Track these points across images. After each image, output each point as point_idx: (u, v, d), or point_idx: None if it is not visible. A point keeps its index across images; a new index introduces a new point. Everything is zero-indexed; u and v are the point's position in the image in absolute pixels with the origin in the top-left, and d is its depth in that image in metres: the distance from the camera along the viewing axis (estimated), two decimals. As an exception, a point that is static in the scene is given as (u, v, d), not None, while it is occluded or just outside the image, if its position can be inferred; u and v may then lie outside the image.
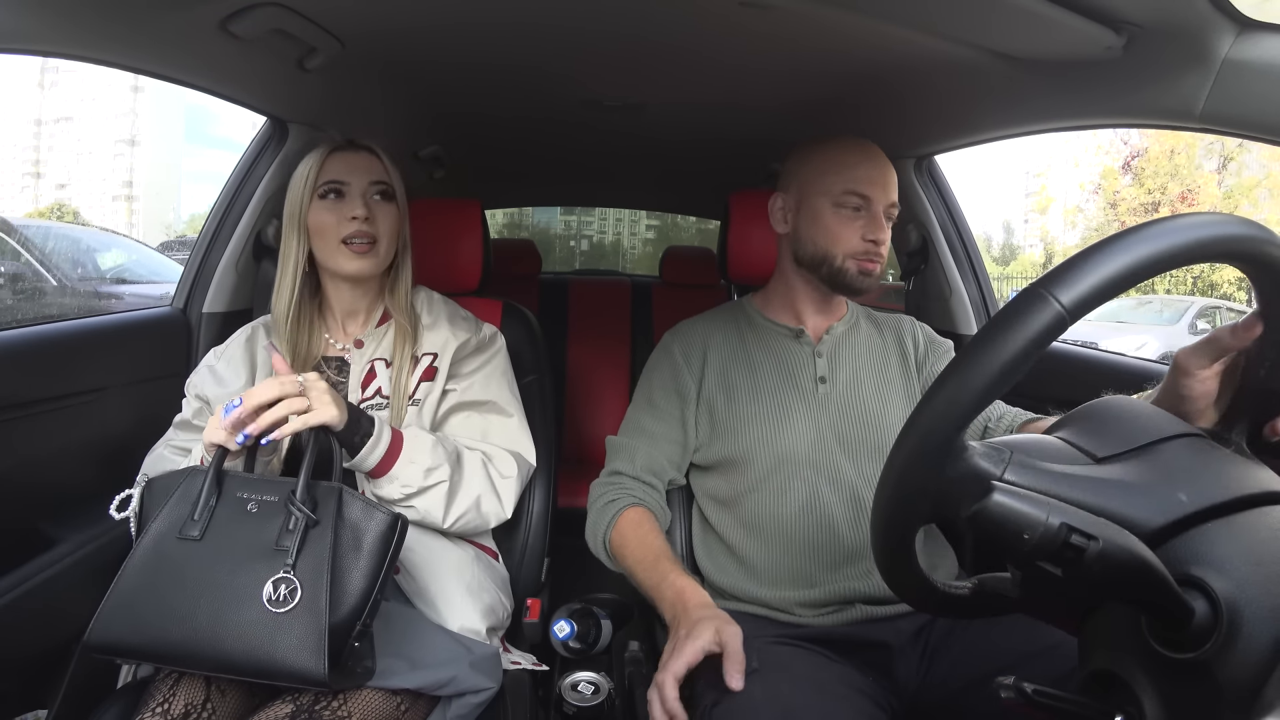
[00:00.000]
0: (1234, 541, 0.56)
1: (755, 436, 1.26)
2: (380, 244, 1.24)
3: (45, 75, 30.49)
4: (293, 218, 1.23)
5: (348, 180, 1.23)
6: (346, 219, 1.21)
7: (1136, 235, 0.56)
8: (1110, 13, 0.99)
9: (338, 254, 1.22)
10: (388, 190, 1.26)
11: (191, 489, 0.97)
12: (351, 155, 1.25)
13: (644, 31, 1.34)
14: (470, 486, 1.20)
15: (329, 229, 1.22)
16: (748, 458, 1.25)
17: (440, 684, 1.04)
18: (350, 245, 1.22)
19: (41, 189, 30.53)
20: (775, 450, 1.24)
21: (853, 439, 1.26)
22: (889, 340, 1.36)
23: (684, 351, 1.34)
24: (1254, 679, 0.50)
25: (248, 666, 0.88)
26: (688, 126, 2.04)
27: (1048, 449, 0.64)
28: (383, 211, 1.25)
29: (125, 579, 0.92)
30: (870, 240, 1.24)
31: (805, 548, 1.22)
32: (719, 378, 1.31)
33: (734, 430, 1.27)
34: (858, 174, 1.25)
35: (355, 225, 1.21)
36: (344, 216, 1.22)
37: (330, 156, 1.24)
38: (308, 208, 1.22)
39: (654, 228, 15.57)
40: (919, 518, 0.64)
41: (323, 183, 1.22)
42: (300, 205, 1.22)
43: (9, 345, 1.21)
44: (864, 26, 1.21)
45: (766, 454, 1.25)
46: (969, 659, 1.10)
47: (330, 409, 1.01)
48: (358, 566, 0.94)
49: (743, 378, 1.30)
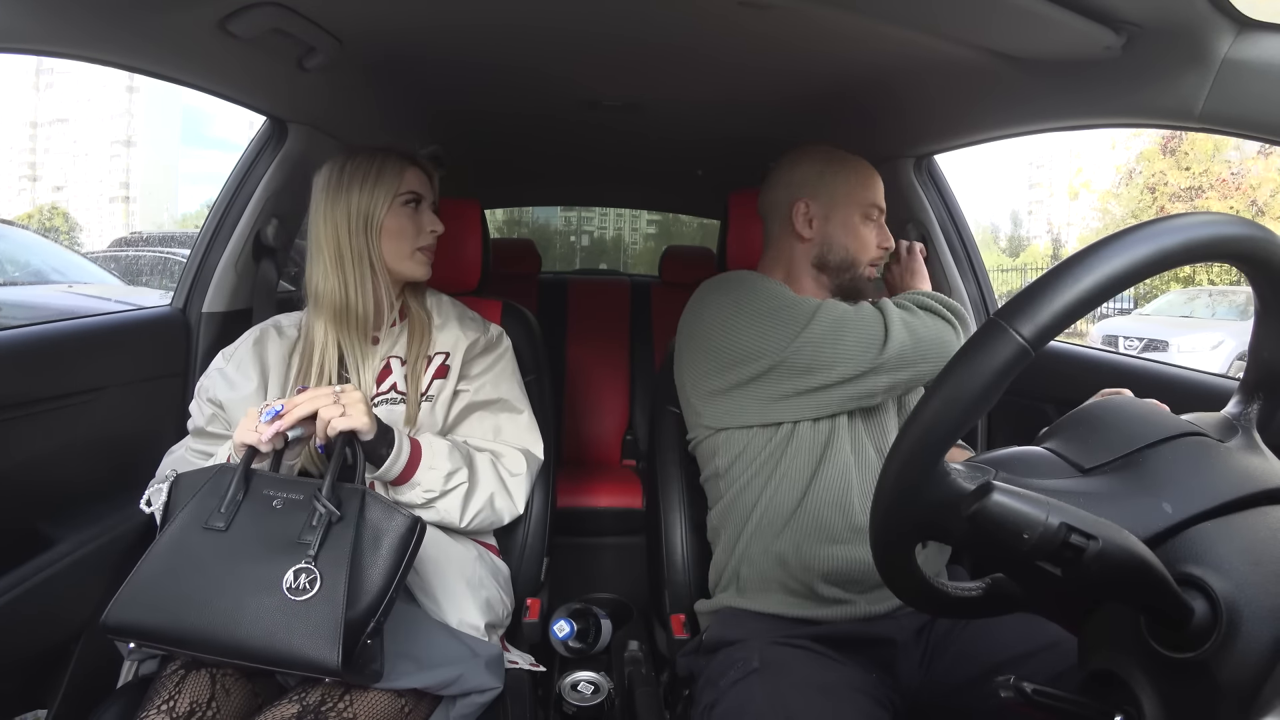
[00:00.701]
0: (1233, 541, 0.56)
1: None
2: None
3: (41, 77, 30.45)
4: (365, 220, 1.26)
5: (424, 194, 1.32)
6: (426, 230, 1.31)
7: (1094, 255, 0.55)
8: (1109, 12, 0.99)
9: (410, 259, 1.30)
10: (437, 210, 1.35)
11: (219, 484, 0.99)
12: (422, 173, 1.33)
13: (643, 32, 1.34)
14: (484, 486, 1.23)
15: (407, 235, 1.29)
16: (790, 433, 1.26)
17: (446, 683, 1.04)
18: (423, 252, 1.32)
19: (38, 191, 30.48)
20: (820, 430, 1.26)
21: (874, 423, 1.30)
22: None
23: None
24: (1253, 679, 0.50)
25: (262, 653, 0.89)
26: (687, 126, 2.04)
27: (1034, 463, 0.65)
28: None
29: (147, 564, 0.94)
30: (883, 248, 1.38)
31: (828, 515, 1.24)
32: None
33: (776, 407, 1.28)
34: (876, 188, 1.38)
35: (432, 238, 1.32)
36: (423, 227, 1.31)
37: (410, 169, 1.30)
38: (386, 211, 1.27)
39: (655, 223, 15.50)
40: (912, 539, 0.65)
41: (406, 190, 1.29)
42: (377, 209, 1.26)
43: (8, 345, 1.21)
44: (863, 26, 1.21)
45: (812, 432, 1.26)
46: (970, 656, 1.10)
47: (363, 417, 1.04)
48: (376, 565, 0.96)
49: None
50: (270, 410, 1.01)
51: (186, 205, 32.90)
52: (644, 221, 16.62)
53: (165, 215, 30.57)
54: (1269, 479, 0.60)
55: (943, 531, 0.60)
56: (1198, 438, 0.64)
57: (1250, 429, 0.67)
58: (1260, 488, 0.59)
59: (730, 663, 1.11)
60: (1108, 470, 0.63)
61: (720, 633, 1.21)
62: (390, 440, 1.12)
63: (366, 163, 1.27)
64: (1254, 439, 0.66)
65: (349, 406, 1.03)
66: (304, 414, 1.01)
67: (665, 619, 1.39)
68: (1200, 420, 0.67)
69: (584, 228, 16.05)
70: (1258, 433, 0.67)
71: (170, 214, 30.88)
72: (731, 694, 1.06)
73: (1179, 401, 0.72)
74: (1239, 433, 0.66)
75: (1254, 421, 0.67)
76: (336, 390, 1.04)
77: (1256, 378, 0.68)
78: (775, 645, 1.13)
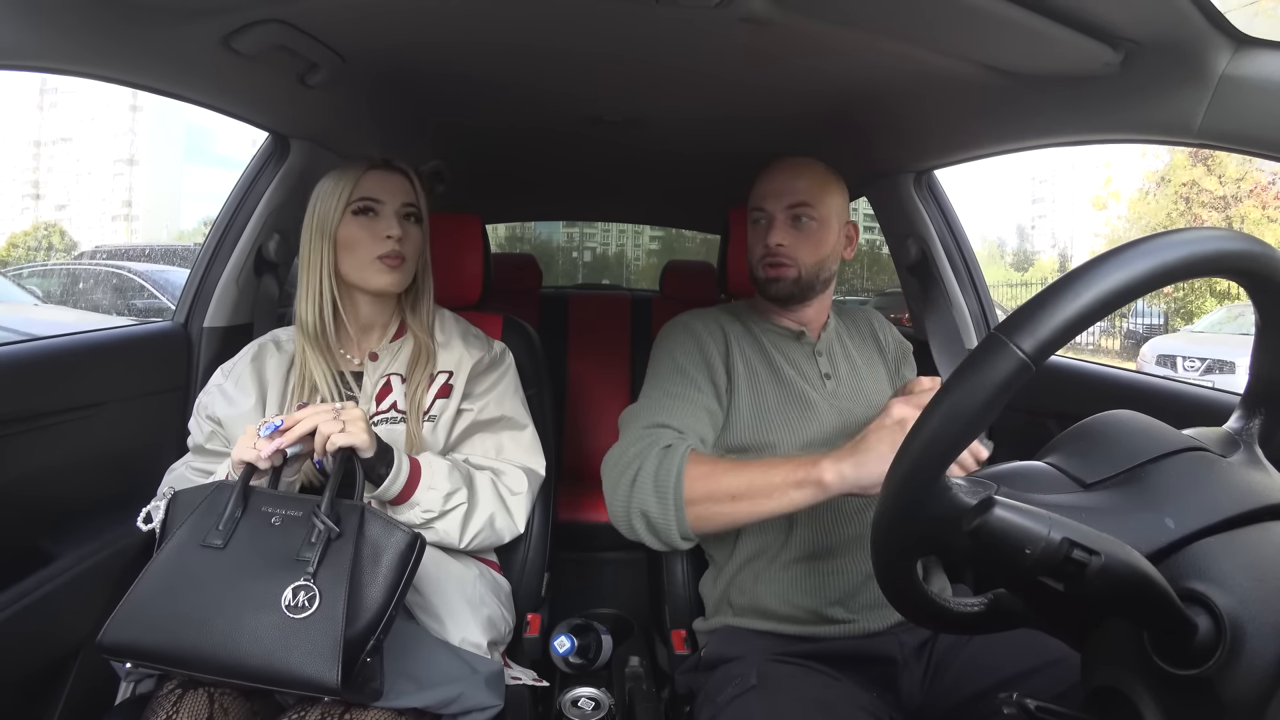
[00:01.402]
0: (1237, 557, 0.55)
1: (784, 423, 1.27)
2: (407, 263, 1.27)
3: (44, 97, 30.62)
4: (321, 230, 1.24)
5: (382, 199, 1.26)
6: (381, 237, 1.24)
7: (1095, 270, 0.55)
8: (1108, 29, 0.99)
9: (369, 269, 1.25)
10: (416, 213, 1.30)
11: (217, 502, 0.99)
12: (386, 175, 1.27)
13: (643, 48, 1.34)
14: (484, 506, 1.22)
15: (362, 245, 1.24)
16: (775, 446, 1.26)
17: (447, 702, 1.03)
18: (383, 259, 1.24)
19: (41, 209, 30.59)
20: (802, 438, 1.25)
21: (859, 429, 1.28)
22: (864, 332, 1.45)
23: (706, 328, 1.36)
24: (1258, 696, 0.50)
25: (260, 672, 0.88)
26: (687, 141, 2.05)
27: (1036, 477, 0.64)
28: (411, 232, 1.28)
29: (144, 583, 0.93)
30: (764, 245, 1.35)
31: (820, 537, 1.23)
32: (743, 362, 1.32)
33: (761, 418, 1.28)
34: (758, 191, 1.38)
35: (390, 245, 1.24)
36: (378, 235, 1.25)
37: (366, 174, 1.26)
38: (338, 222, 1.24)
39: (658, 239, 15.50)
40: (914, 555, 0.64)
41: (358, 198, 1.25)
42: (331, 218, 1.24)
43: (9, 359, 1.21)
44: (862, 42, 1.22)
45: (793, 442, 1.25)
46: (972, 673, 1.10)
47: (363, 434, 1.03)
48: (376, 582, 0.96)
49: (763, 367, 1.32)
50: (269, 426, 1.01)
51: (186, 222, 32.98)
52: (646, 237, 16.66)
53: (165, 233, 30.64)
54: (1271, 494, 0.60)
55: (944, 546, 0.60)
56: (1200, 453, 0.63)
57: (1252, 444, 0.66)
58: (1263, 503, 0.59)
59: (728, 679, 1.11)
60: (1110, 485, 0.62)
61: (719, 650, 1.20)
62: (389, 459, 1.11)
63: (333, 174, 1.26)
64: (1256, 454, 0.66)
65: (349, 424, 1.02)
66: (304, 430, 1.00)
67: (666, 635, 1.38)
68: (1202, 435, 0.67)
69: (586, 244, 16.09)
70: (1260, 448, 0.67)
71: (169, 231, 30.95)
72: (729, 710, 1.06)
73: (1181, 416, 0.72)
74: (1241, 448, 0.65)
75: (1256, 436, 0.67)
76: (337, 407, 1.04)
77: (1258, 392, 0.68)
78: (773, 662, 1.12)
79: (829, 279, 1.36)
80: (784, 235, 1.31)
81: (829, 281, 1.37)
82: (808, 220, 1.31)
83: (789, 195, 1.32)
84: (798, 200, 1.31)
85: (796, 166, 1.34)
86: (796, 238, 1.31)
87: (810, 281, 1.33)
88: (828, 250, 1.33)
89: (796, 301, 1.35)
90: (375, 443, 1.07)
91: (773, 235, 1.32)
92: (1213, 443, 0.66)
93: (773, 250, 1.32)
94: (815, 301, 1.37)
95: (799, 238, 1.31)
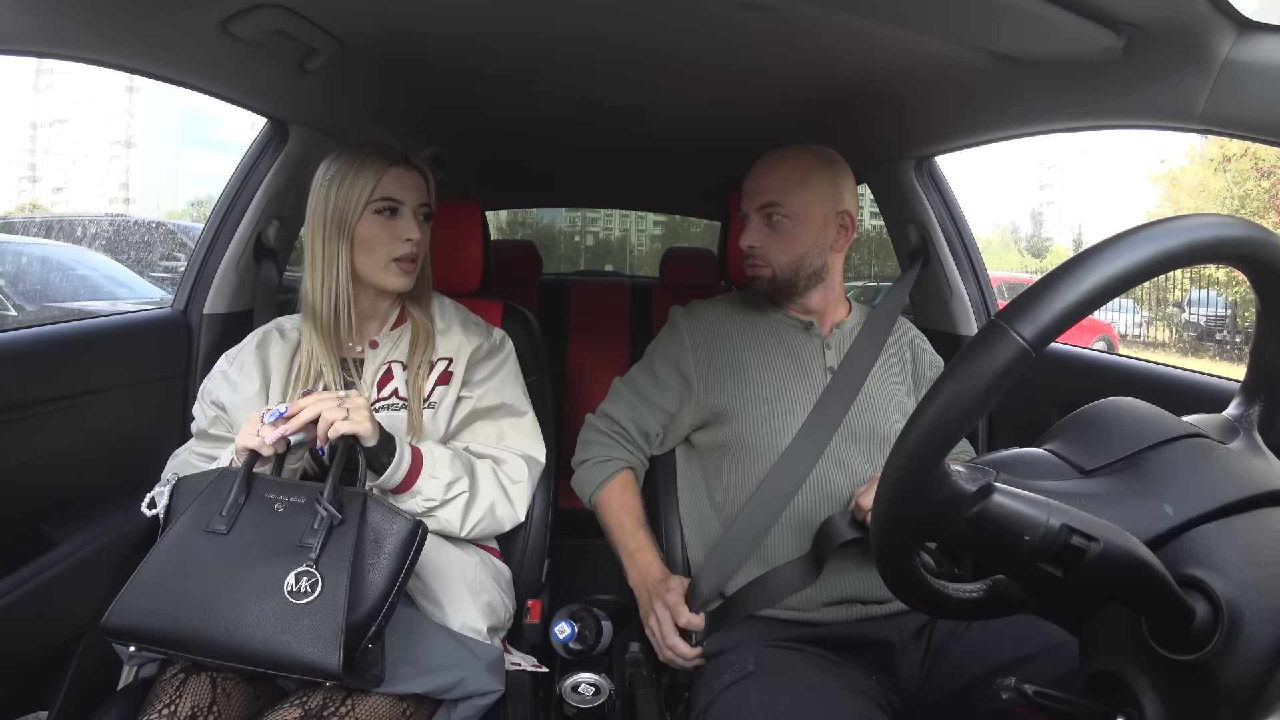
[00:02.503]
0: (1234, 543, 0.55)
1: (765, 416, 1.28)
2: (417, 263, 1.28)
3: (40, 78, 30.47)
4: (339, 224, 1.22)
5: (403, 199, 1.25)
6: (401, 239, 1.24)
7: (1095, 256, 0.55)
8: (1110, 14, 0.98)
9: (385, 271, 1.25)
10: (430, 213, 1.30)
11: (221, 488, 1.00)
12: (406, 173, 1.26)
13: (644, 34, 1.33)
14: (485, 495, 1.23)
15: (381, 244, 1.24)
16: (754, 439, 1.27)
17: (448, 687, 1.04)
18: (399, 263, 1.24)
19: (38, 192, 30.48)
20: (786, 432, 1.26)
21: (862, 428, 1.28)
22: (891, 339, 1.39)
23: (691, 333, 1.38)
24: (1255, 681, 0.50)
25: (263, 656, 0.89)
26: (688, 127, 2.04)
27: (1035, 464, 0.64)
28: (424, 232, 1.28)
29: (148, 567, 0.94)
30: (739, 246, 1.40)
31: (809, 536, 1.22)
32: (730, 359, 1.33)
33: (743, 410, 1.29)
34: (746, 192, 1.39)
35: (409, 247, 1.24)
36: (398, 236, 1.24)
37: (388, 171, 1.24)
38: (358, 218, 1.22)
39: (661, 223, 15.39)
40: (913, 541, 0.65)
41: (380, 197, 1.23)
42: (350, 214, 1.22)
43: (10, 346, 1.21)
44: (863, 28, 1.21)
45: (773, 435, 1.26)
46: (970, 659, 1.10)
47: (366, 423, 1.04)
48: (378, 568, 0.96)
49: (755, 360, 1.33)
50: (273, 413, 1.01)
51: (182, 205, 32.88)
52: (650, 222, 16.55)
53: (158, 214, 30.58)
54: (1270, 481, 0.60)
55: (944, 533, 0.60)
56: (1199, 439, 0.63)
57: (1251, 431, 0.66)
58: (1261, 489, 0.59)
59: (726, 666, 1.12)
60: (1109, 472, 0.62)
61: (717, 636, 1.21)
62: (392, 448, 1.11)
63: (348, 162, 1.23)
64: (1255, 441, 0.66)
65: (353, 411, 1.03)
66: (309, 418, 1.01)
67: None
68: (1201, 422, 0.67)
69: (589, 229, 16.00)
70: (1259, 434, 0.67)
71: (164, 214, 30.86)
72: (725, 697, 1.06)
73: (1180, 403, 0.72)
74: (1240, 434, 0.65)
75: (1255, 423, 0.67)
76: (341, 395, 1.04)
77: (1258, 379, 0.68)
78: (771, 648, 1.13)
79: (815, 273, 1.35)
80: (756, 236, 1.33)
81: (818, 275, 1.35)
82: (779, 218, 1.31)
83: (759, 195, 1.33)
84: (767, 200, 1.32)
85: (770, 163, 1.35)
86: (769, 238, 1.32)
87: (788, 279, 1.33)
88: (805, 247, 1.32)
89: (784, 296, 1.36)
90: (378, 431, 1.08)
91: (744, 237, 1.34)
92: (1212, 429, 0.66)
93: (745, 251, 1.35)
94: (815, 292, 1.36)
95: (771, 237, 1.32)
